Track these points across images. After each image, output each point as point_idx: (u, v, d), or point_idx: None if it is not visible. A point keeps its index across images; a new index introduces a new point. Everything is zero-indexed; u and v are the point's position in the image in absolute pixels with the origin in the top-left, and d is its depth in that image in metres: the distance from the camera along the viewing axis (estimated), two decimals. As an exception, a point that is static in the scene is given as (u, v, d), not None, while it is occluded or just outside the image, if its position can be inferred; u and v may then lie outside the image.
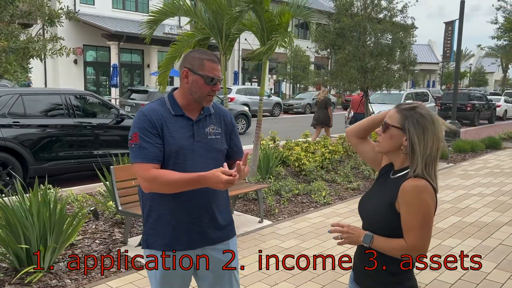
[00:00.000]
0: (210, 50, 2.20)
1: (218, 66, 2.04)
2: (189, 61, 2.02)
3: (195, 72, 1.99)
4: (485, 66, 56.10)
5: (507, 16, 14.31)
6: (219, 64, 2.07)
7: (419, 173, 1.61)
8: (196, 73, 1.99)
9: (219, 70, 2.04)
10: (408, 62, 8.65)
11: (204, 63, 1.99)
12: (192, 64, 2.01)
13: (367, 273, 1.73)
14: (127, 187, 4.38)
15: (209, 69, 1.99)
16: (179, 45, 7.44)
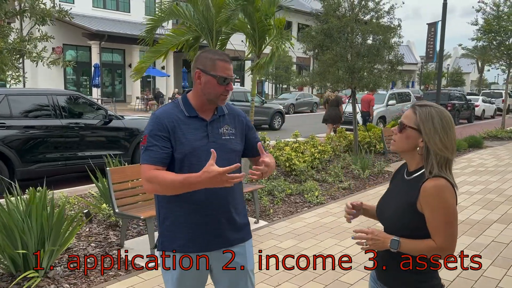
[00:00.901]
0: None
1: (231, 65, 2.04)
2: (201, 62, 2.01)
3: (208, 73, 1.98)
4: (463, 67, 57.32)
5: (487, 18, 14.65)
6: (231, 63, 2.06)
7: (436, 173, 1.63)
8: (209, 73, 1.98)
9: (231, 70, 2.04)
10: (395, 62, 8.78)
11: (216, 63, 1.99)
12: (204, 64, 2.00)
13: (393, 272, 1.74)
14: (123, 189, 4.32)
15: (221, 69, 1.99)
16: (166, 42, 7.37)
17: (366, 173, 7.66)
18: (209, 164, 1.74)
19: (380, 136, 10.24)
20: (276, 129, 16.81)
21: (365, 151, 9.08)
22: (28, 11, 3.68)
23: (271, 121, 16.99)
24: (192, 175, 1.79)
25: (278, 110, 17.30)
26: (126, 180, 4.36)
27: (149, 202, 4.47)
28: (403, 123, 1.73)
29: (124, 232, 4.37)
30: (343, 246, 4.45)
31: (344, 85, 8.88)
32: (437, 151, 1.64)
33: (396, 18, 8.77)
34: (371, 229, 1.70)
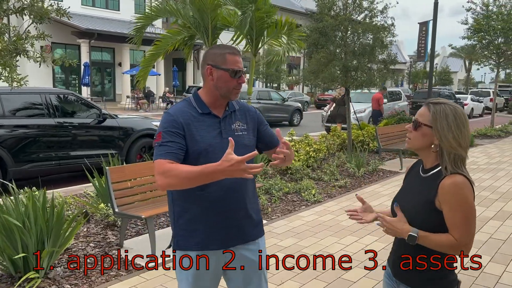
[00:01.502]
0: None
1: (240, 58, 2.04)
2: (211, 58, 2.01)
3: (219, 67, 1.98)
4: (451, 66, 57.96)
5: (476, 17, 14.83)
6: (241, 56, 2.06)
7: (452, 170, 1.64)
8: (220, 68, 1.98)
9: (241, 62, 2.04)
10: (389, 61, 8.83)
11: (226, 57, 1.98)
12: (214, 60, 1.99)
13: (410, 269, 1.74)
14: (123, 188, 4.28)
15: (232, 62, 1.98)
16: (163, 43, 7.35)
17: (361, 171, 7.70)
18: (227, 153, 1.68)
19: (373, 134, 10.31)
20: (295, 125, 18.07)
21: (359, 149, 9.12)
22: (27, 8, 3.61)
23: (291, 118, 18.31)
24: (210, 164, 1.72)
25: (297, 107, 18.67)
26: (126, 179, 4.32)
27: (149, 201, 4.43)
28: (418, 121, 1.73)
29: (123, 232, 4.33)
30: (343, 244, 4.47)
31: (338, 83, 8.91)
32: (451, 149, 1.65)
33: (389, 17, 8.79)
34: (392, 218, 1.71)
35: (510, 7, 14.57)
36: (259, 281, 2.15)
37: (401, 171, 8.32)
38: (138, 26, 7.07)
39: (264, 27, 6.30)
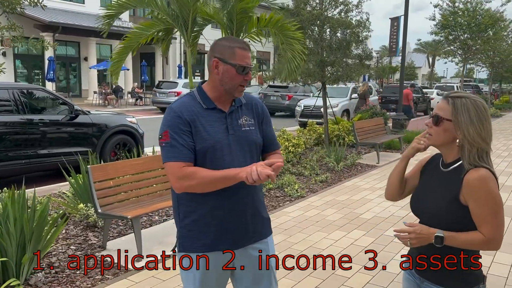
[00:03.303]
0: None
1: (249, 53, 1.94)
2: (219, 50, 1.90)
3: (226, 62, 1.87)
4: (415, 61, 59.45)
5: (443, 13, 15.23)
6: (250, 51, 1.96)
7: (476, 163, 1.61)
8: (228, 62, 1.87)
9: (250, 58, 1.94)
10: (364, 56, 8.90)
11: (235, 51, 1.88)
12: (222, 53, 1.88)
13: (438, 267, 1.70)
14: (105, 188, 4.09)
15: (240, 57, 1.88)
16: (135, 35, 7.07)
17: (340, 165, 7.73)
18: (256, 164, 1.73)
19: (349, 128, 10.40)
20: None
21: (338, 143, 9.17)
22: (-3, -1, 3.37)
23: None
24: (232, 171, 1.77)
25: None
26: (108, 178, 4.13)
27: (133, 200, 4.26)
28: (440, 116, 1.68)
29: (106, 233, 4.15)
30: (332, 239, 4.45)
31: (314, 78, 8.91)
32: (474, 143, 1.61)
33: (364, 12, 8.85)
34: (413, 226, 1.64)
35: (475, 4, 15.04)
36: (269, 281, 2.08)
37: (378, 164, 8.42)
38: (109, 13, 6.74)
39: (245, 20, 6.18)
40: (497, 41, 16.58)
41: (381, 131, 9.93)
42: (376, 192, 6.34)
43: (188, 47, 6.87)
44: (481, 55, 17.07)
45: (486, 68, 22.02)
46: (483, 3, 14.89)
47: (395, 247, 4.25)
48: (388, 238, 4.49)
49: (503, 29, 17.09)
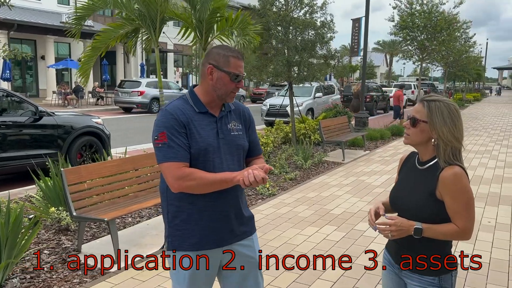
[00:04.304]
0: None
1: (243, 63, 2.03)
2: (214, 58, 1.98)
3: (221, 69, 1.96)
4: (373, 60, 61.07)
5: (401, 15, 15.80)
6: (243, 60, 2.05)
7: (450, 161, 1.77)
8: (222, 69, 1.96)
9: (243, 67, 2.04)
10: (329, 56, 9.14)
11: (229, 59, 1.97)
12: (217, 60, 1.97)
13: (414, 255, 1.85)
14: (80, 191, 4.05)
15: (234, 66, 1.97)
16: (104, 37, 7.00)
17: (308, 163, 7.93)
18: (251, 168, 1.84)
19: (314, 127, 10.65)
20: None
21: (305, 142, 9.38)
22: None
23: None
24: (230, 174, 1.87)
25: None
26: (82, 181, 4.08)
27: (107, 203, 4.24)
28: (416, 118, 1.83)
29: (81, 236, 4.11)
30: (305, 235, 4.59)
31: (282, 78, 9.07)
32: (448, 142, 1.77)
33: (328, 13, 9.08)
34: (394, 219, 1.78)
35: (431, 6, 15.69)
36: (255, 277, 2.16)
37: (343, 162, 8.69)
38: (78, 16, 6.63)
39: (214, 21, 6.23)
40: (451, 42, 17.38)
41: (346, 129, 10.23)
42: (344, 189, 6.56)
43: (156, 47, 6.85)
44: (436, 55, 17.84)
45: (441, 67, 23.03)
46: (438, 6, 15.59)
47: (366, 241, 4.45)
48: (358, 232, 4.69)
49: (456, 30, 17.94)
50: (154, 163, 4.91)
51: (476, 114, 22.02)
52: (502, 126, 16.04)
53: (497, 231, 4.76)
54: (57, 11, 25.04)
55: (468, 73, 29.79)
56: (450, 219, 1.77)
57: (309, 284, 3.49)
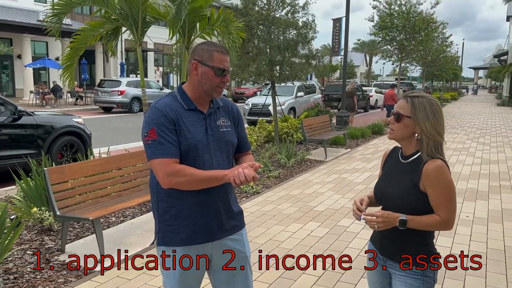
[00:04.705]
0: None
1: (227, 57, 2.05)
2: (198, 53, 2.01)
3: (205, 64, 1.98)
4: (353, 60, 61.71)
5: (381, 15, 16.05)
6: (228, 55, 2.08)
7: (433, 155, 1.84)
8: (206, 64, 1.98)
9: (228, 62, 2.05)
10: (311, 56, 9.23)
11: (213, 54, 1.99)
12: (201, 56, 2.00)
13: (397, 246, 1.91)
14: (63, 190, 4.01)
15: (218, 60, 1.99)
16: (84, 35, 6.90)
17: (291, 161, 8.00)
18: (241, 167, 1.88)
19: (296, 126, 10.73)
20: None
21: (289, 140, 9.45)
22: None
23: None
24: (220, 172, 1.90)
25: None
26: (66, 180, 4.05)
27: (91, 202, 4.21)
28: (400, 113, 1.89)
29: (65, 236, 4.07)
30: (290, 231, 4.65)
31: (264, 77, 9.11)
32: (431, 136, 1.84)
33: (310, 13, 9.17)
34: (381, 211, 1.84)
35: (409, 7, 15.98)
36: (245, 271, 2.20)
37: (326, 160, 8.79)
38: (56, 13, 6.49)
39: (197, 20, 6.23)
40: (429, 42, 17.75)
41: (328, 128, 10.34)
42: (326, 186, 6.65)
43: (139, 46, 6.80)
44: (415, 55, 18.18)
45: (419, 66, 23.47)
46: (416, 6, 15.89)
47: (349, 236, 4.53)
48: (341, 228, 4.77)
49: (434, 30, 18.32)
50: (137, 163, 4.90)
51: (453, 113, 22.51)
52: (478, 124, 16.45)
53: (475, 225, 4.91)
54: (33, 9, 24.55)
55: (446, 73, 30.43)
56: (432, 210, 1.84)
57: (295, 279, 3.54)
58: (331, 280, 3.53)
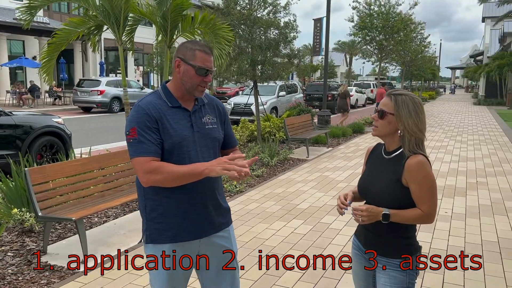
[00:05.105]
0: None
1: (211, 57, 2.06)
2: (182, 51, 2.02)
3: (187, 62, 2.00)
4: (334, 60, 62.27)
5: (361, 15, 16.27)
6: (212, 55, 2.09)
7: (414, 151, 1.90)
8: (188, 63, 1.99)
9: (211, 62, 2.06)
10: (293, 55, 9.30)
11: (195, 53, 2.00)
12: (184, 54, 2.01)
13: (382, 239, 1.97)
14: (45, 190, 3.96)
15: (200, 59, 2.01)
16: (65, 32, 6.80)
17: (274, 160, 8.05)
18: (223, 158, 1.86)
19: (278, 125, 10.79)
20: None
21: (271, 139, 9.50)
22: None
23: None
24: (198, 165, 1.87)
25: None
26: (47, 180, 4.00)
27: (74, 202, 4.17)
28: (384, 111, 1.94)
29: (47, 237, 4.02)
30: (274, 229, 4.69)
31: (247, 77, 9.14)
32: (413, 133, 1.90)
33: (291, 13, 9.23)
34: (366, 205, 1.89)
35: (388, 7, 16.24)
36: (232, 267, 2.22)
37: (308, 158, 8.87)
38: (31, 5, 6.37)
39: (179, 19, 6.21)
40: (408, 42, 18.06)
41: (309, 127, 10.43)
42: (309, 184, 6.72)
43: (120, 45, 6.74)
44: (394, 55, 18.48)
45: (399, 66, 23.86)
46: (395, 7, 16.15)
47: (332, 233, 4.60)
48: (324, 225, 4.83)
49: (412, 31, 18.65)
50: (119, 162, 4.86)
51: (431, 112, 22.95)
52: (456, 123, 16.83)
53: (453, 221, 5.04)
54: (9, 7, 23.99)
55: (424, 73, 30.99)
56: (414, 204, 1.90)
57: (279, 275, 3.58)
58: (315, 277, 3.58)
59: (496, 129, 14.78)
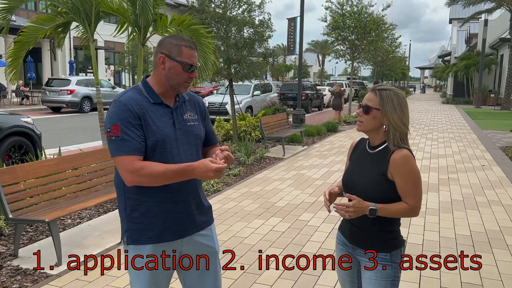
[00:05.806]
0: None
1: (196, 52, 2.02)
2: (166, 47, 1.96)
3: (173, 58, 1.94)
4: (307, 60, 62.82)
5: (333, 15, 16.42)
6: (197, 51, 2.05)
7: (399, 145, 1.91)
8: (174, 59, 1.94)
9: (196, 57, 2.02)
10: (268, 54, 9.30)
11: (182, 49, 1.96)
12: (170, 50, 1.95)
13: (367, 234, 1.97)
14: (15, 192, 3.81)
15: (187, 55, 1.96)
16: (33, 29, 6.59)
17: (251, 159, 8.03)
18: (207, 160, 1.84)
19: (254, 124, 10.79)
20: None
21: (247, 138, 9.47)
22: None
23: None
24: (184, 166, 1.84)
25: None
26: (18, 181, 3.85)
27: (46, 203, 4.03)
28: (369, 106, 1.95)
29: (18, 240, 3.87)
30: (252, 227, 4.67)
31: (222, 76, 9.09)
32: (397, 127, 1.91)
33: (266, 12, 9.25)
34: (353, 201, 1.89)
35: (360, 8, 16.46)
36: (214, 264, 2.19)
37: (284, 157, 8.90)
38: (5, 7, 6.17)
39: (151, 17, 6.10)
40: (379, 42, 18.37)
41: (285, 126, 10.47)
42: (286, 182, 6.73)
43: (92, 42, 6.58)
44: (366, 55, 18.76)
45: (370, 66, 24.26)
46: (367, 7, 16.39)
47: (310, 230, 4.62)
48: (302, 223, 4.84)
49: (384, 31, 18.98)
50: (92, 162, 4.74)
51: (402, 111, 23.41)
52: (426, 121, 17.25)
53: (427, 216, 5.15)
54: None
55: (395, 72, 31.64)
56: (400, 198, 1.91)
57: (259, 274, 3.57)
58: (295, 275, 3.58)
59: (464, 127, 15.22)
